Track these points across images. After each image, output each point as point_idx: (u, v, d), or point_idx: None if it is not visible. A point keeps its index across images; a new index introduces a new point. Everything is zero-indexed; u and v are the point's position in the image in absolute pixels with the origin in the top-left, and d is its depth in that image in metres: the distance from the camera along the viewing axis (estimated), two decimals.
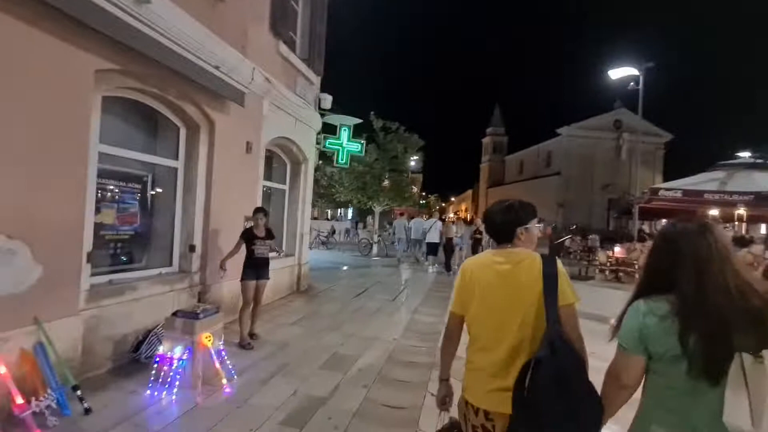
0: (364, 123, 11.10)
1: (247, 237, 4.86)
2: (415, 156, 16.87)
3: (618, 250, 11.63)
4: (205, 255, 5.12)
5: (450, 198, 72.58)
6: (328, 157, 12.20)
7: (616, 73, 15.45)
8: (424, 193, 53.51)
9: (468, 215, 44.93)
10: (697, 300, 1.18)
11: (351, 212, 30.79)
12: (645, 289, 1.34)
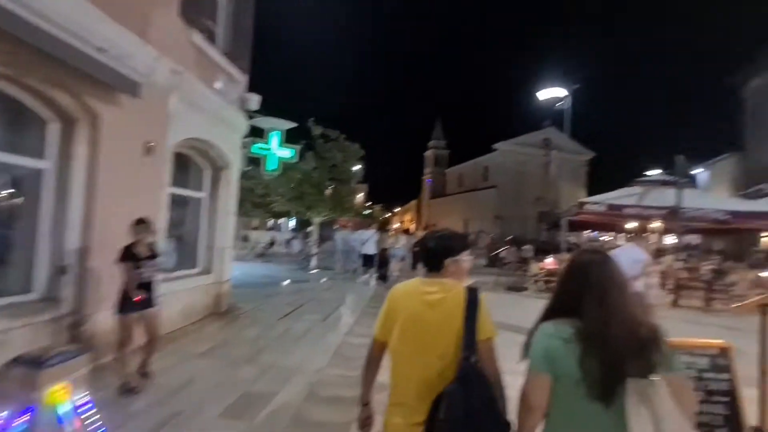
0: (303, 129, 10.49)
1: (129, 257, 3.83)
2: (356, 165, 16.42)
3: (549, 261, 11.95)
4: (83, 278, 4.15)
5: (395, 209, 73.08)
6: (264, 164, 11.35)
7: (544, 94, 16.33)
8: (369, 204, 53.35)
9: (411, 226, 45.40)
10: (598, 329, 1.28)
11: (294, 222, 29.61)
12: (554, 310, 1.42)
